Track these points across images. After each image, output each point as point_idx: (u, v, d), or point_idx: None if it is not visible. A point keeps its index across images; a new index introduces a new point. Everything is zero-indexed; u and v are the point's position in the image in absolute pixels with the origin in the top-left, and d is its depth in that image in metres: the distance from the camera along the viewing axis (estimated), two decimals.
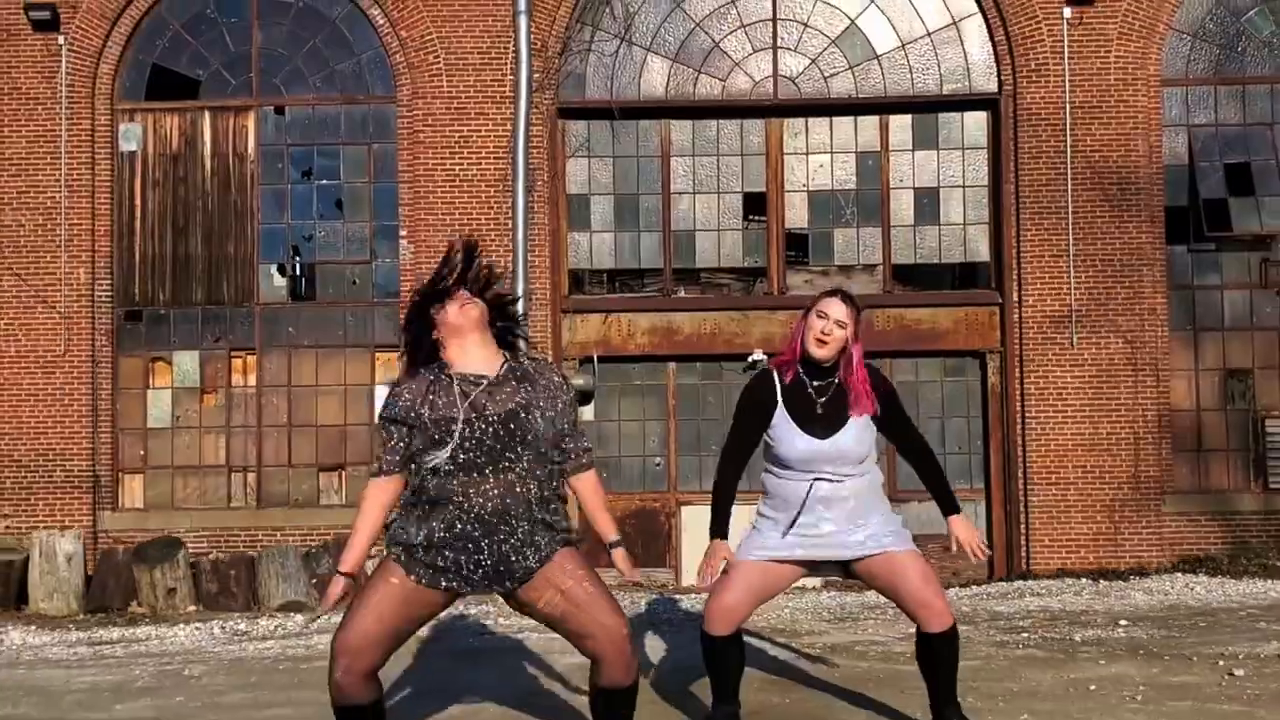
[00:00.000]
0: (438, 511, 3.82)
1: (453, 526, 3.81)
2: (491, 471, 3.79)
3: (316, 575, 11.37)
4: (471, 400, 3.81)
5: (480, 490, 3.78)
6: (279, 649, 7.12)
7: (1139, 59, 15.10)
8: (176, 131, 15.71)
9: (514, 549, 3.81)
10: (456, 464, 3.78)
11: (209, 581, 11.34)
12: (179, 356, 15.63)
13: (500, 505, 3.78)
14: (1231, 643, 6.24)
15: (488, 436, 3.79)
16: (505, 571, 3.85)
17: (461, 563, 3.83)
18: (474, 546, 3.81)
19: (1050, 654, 6.13)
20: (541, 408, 3.88)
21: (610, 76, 15.57)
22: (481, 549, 3.81)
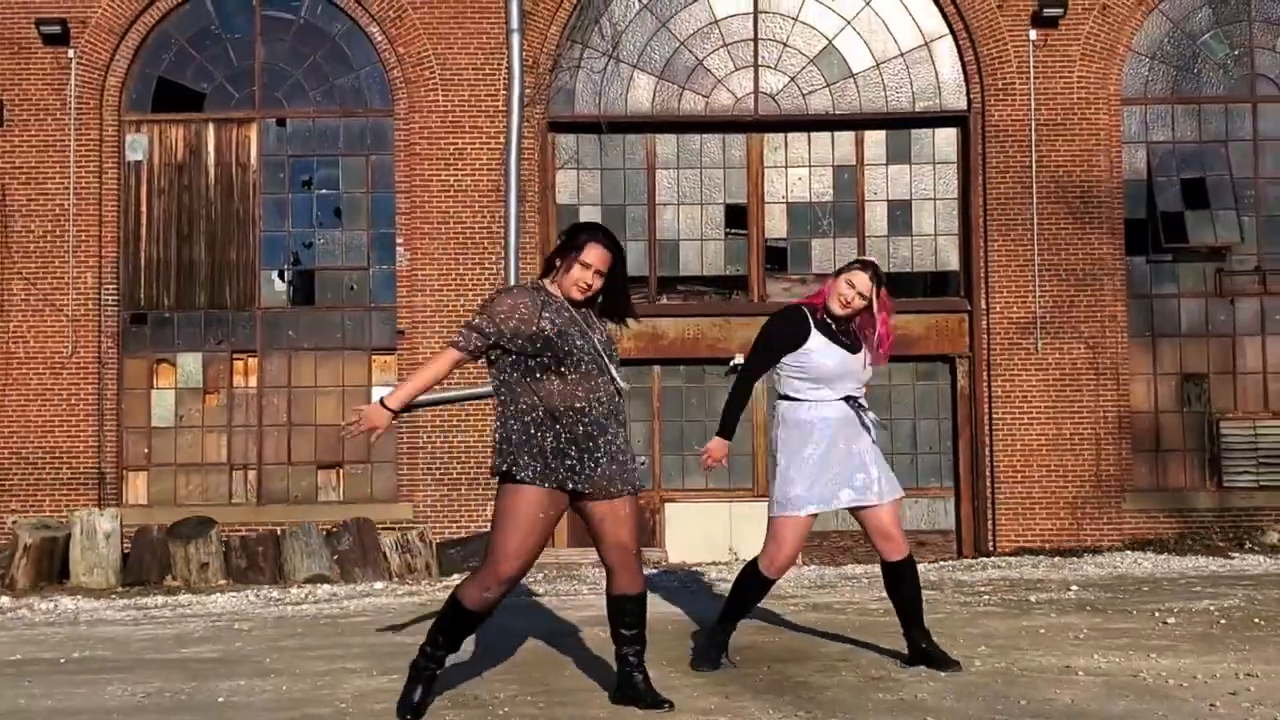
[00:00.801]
0: (559, 419, 4.44)
1: (574, 429, 4.43)
2: (602, 382, 4.49)
3: (338, 552, 12.03)
4: (585, 321, 4.54)
5: (595, 398, 4.46)
6: (315, 610, 7.79)
7: (1100, 79, 15.89)
8: (181, 142, 16.31)
9: (620, 450, 4.51)
10: (579, 372, 4.45)
11: (238, 557, 12.02)
12: (182, 358, 16.21)
13: (610, 409, 4.49)
14: (1168, 601, 6.99)
15: (597, 352, 4.49)
16: (616, 471, 4.50)
17: (585, 462, 4.44)
18: (593, 446, 4.45)
19: (1007, 610, 6.86)
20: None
21: (599, 92, 16.27)
22: (600, 448, 4.46)
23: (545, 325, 4.46)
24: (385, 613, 7.33)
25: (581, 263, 4.50)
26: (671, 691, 4.49)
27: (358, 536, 12.17)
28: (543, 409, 4.46)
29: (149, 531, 12.76)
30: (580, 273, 4.49)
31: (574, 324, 4.47)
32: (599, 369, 4.49)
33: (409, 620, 6.68)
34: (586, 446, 4.42)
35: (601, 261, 4.52)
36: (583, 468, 4.43)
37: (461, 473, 15.75)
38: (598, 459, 4.44)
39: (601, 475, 4.45)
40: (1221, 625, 6.02)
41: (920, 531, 15.96)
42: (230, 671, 5.36)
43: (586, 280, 4.49)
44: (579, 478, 4.41)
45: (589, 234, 4.60)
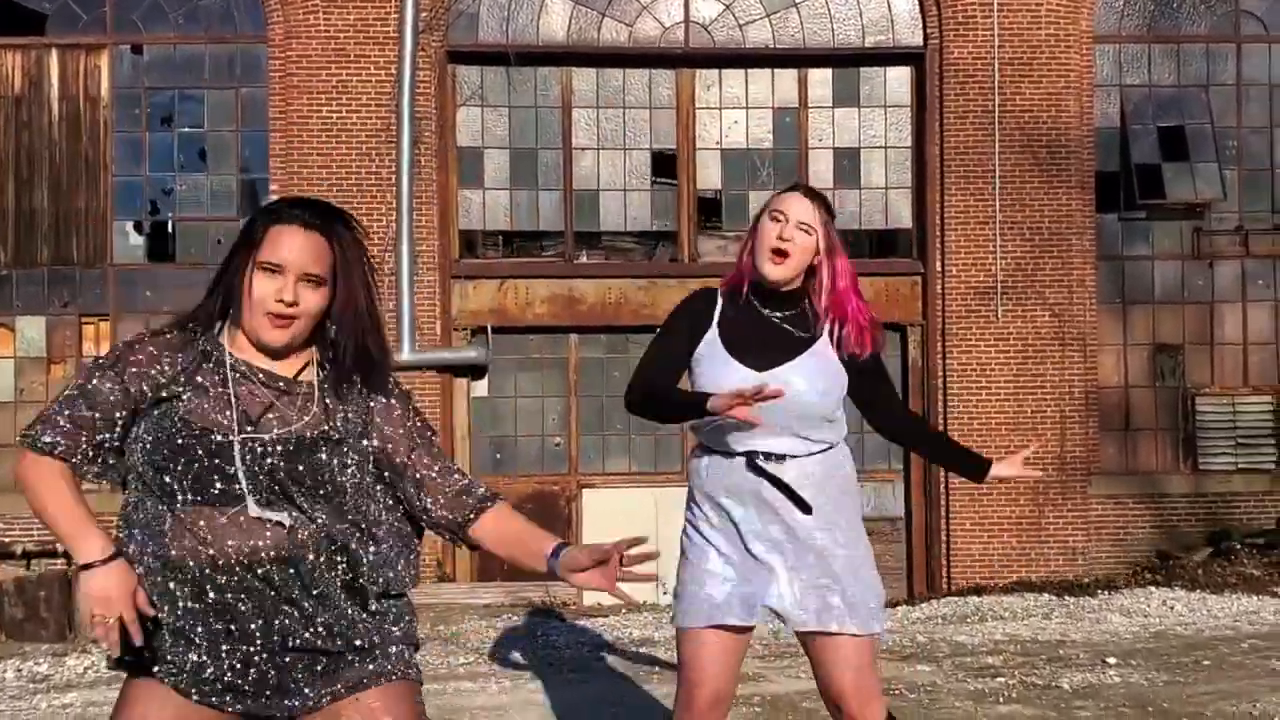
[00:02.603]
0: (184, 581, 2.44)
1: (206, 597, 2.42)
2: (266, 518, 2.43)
3: None
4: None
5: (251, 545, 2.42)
6: (81, 703, 5.81)
7: (1070, 14, 14.34)
8: (19, 71, 14.32)
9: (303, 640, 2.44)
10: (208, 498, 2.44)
11: (12, 605, 9.72)
12: (22, 322, 14.33)
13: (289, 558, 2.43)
14: (1254, 694, 5.29)
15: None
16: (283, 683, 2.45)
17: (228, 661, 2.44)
18: (249, 631, 2.43)
19: (1040, 712, 5.11)
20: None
21: (506, 18, 14.34)
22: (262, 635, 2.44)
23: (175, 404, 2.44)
24: None
25: (264, 266, 2.46)
26: None
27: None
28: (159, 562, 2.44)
29: None
30: (266, 283, 2.45)
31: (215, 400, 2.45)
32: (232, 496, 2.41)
33: None
34: (228, 628, 2.42)
35: (302, 249, 2.46)
36: (244, 669, 2.43)
37: None
38: (248, 653, 2.43)
39: (255, 681, 2.43)
40: None
41: (868, 519, 14.23)
42: None
43: (284, 296, 2.44)
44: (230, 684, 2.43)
45: (267, 217, 2.52)
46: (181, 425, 2.42)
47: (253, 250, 2.47)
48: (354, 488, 2.48)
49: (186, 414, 2.43)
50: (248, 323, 2.47)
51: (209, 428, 2.42)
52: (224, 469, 2.41)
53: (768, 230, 3.30)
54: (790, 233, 3.26)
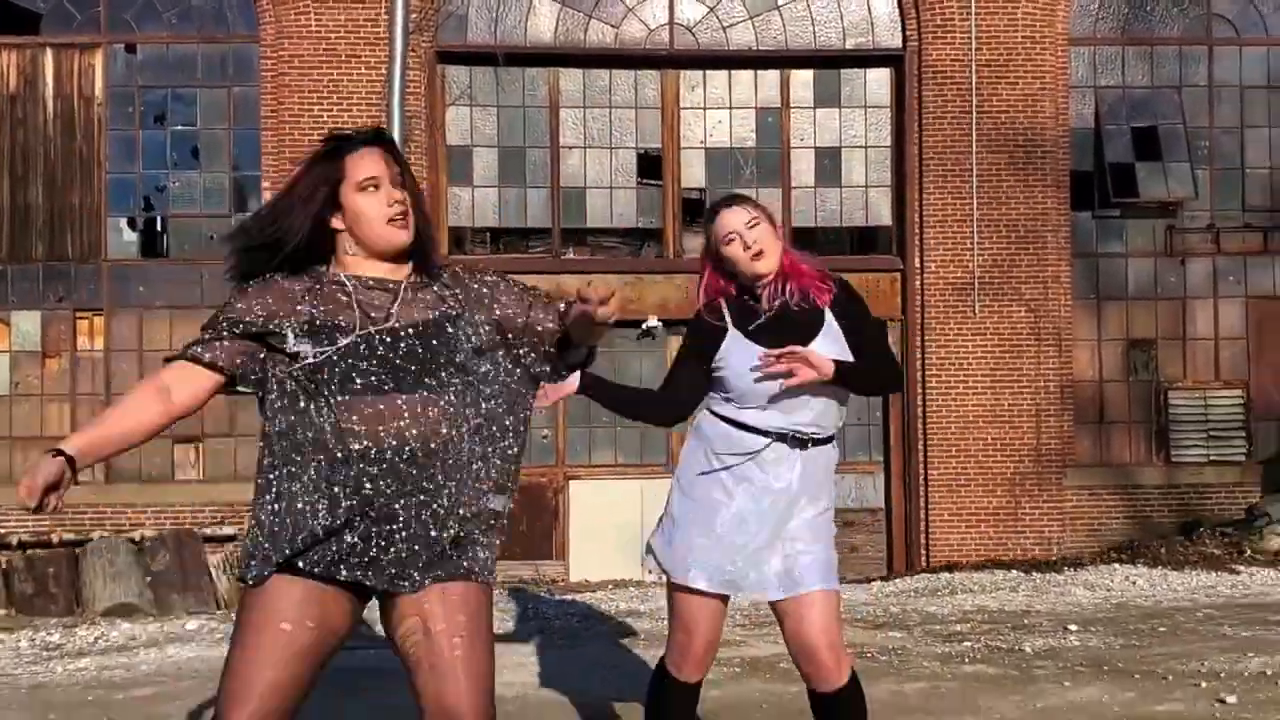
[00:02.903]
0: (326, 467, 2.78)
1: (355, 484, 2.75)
2: (404, 403, 2.78)
3: (152, 573, 10.15)
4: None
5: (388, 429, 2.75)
6: (94, 669, 6.06)
7: (1046, 16, 14.61)
8: (14, 70, 14.46)
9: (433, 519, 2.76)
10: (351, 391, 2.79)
11: (23, 581, 9.98)
12: (18, 317, 14.42)
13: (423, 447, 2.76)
14: (1204, 655, 5.59)
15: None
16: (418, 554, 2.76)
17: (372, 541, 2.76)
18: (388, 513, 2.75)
19: (1002, 670, 5.40)
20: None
21: (495, 19, 14.56)
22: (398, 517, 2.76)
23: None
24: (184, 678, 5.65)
25: (363, 186, 2.78)
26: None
27: (177, 553, 10.24)
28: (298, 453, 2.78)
29: None
30: (372, 199, 2.79)
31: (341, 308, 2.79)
32: (381, 386, 2.74)
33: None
34: (377, 515, 2.72)
35: (381, 165, 2.81)
36: (369, 547, 2.73)
37: None
38: (394, 534, 2.73)
39: (405, 557, 2.73)
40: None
41: (849, 510, 14.66)
42: None
43: (390, 200, 2.79)
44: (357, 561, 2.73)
45: (338, 152, 2.83)
46: (323, 332, 2.75)
47: (338, 184, 2.79)
48: (473, 351, 2.82)
49: (324, 322, 2.76)
50: (372, 238, 2.79)
51: (346, 326, 2.75)
52: (366, 362, 2.73)
53: (735, 251, 3.57)
54: (751, 238, 3.54)
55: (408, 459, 2.71)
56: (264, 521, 2.77)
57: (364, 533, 2.72)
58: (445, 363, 2.77)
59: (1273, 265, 15.14)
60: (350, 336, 2.73)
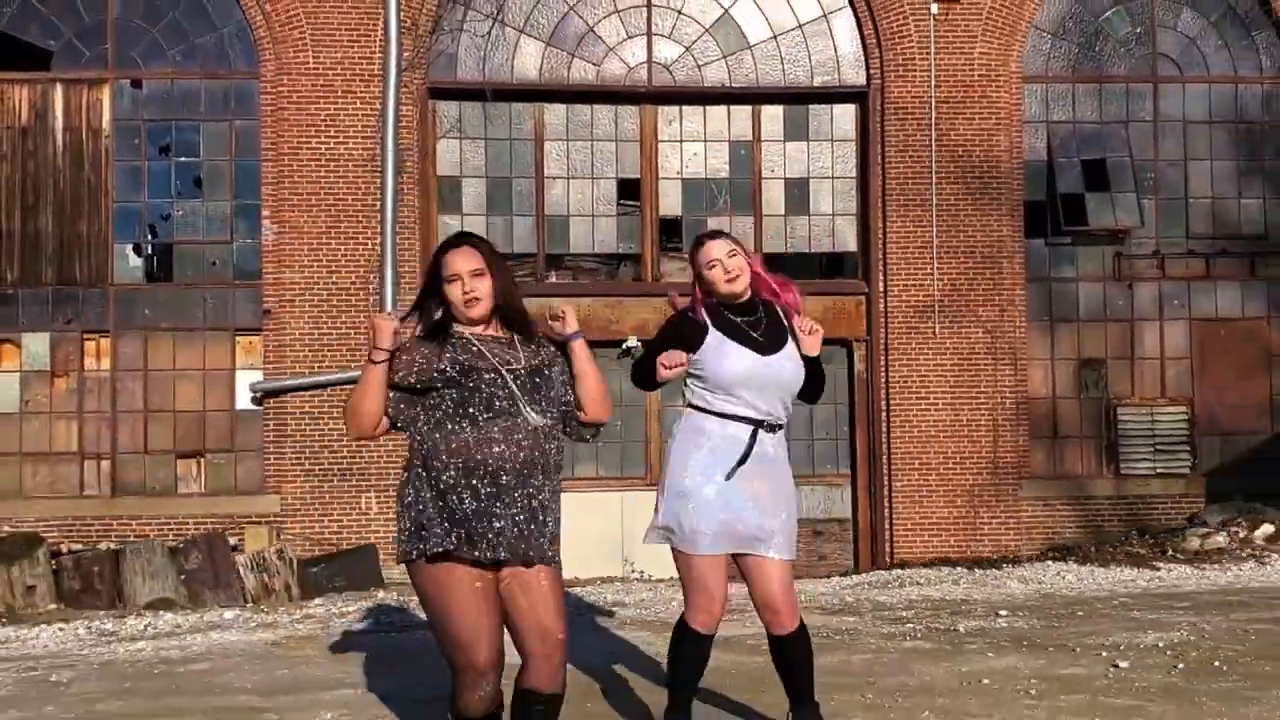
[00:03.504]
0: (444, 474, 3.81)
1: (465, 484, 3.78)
2: (504, 425, 3.79)
3: (185, 572, 10.96)
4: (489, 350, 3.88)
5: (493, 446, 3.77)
6: (151, 650, 6.85)
7: (1002, 55, 15.48)
8: (26, 104, 15.08)
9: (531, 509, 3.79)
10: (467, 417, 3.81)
11: (71, 579, 10.84)
12: (28, 338, 15.05)
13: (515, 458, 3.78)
14: (1111, 632, 6.44)
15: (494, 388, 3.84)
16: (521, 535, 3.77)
17: (487, 524, 3.76)
18: (493, 504, 3.76)
19: (937, 645, 6.24)
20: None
21: (483, 57, 15.37)
22: (501, 507, 3.77)
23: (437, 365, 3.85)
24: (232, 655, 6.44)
25: (447, 280, 3.84)
26: None
27: (208, 554, 11.09)
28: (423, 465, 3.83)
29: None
30: (452, 289, 3.84)
31: (478, 356, 3.81)
32: (510, 408, 3.76)
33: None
34: (506, 501, 3.72)
35: (464, 261, 3.85)
36: (504, 529, 3.70)
37: (333, 463, 14.79)
38: (514, 517, 3.72)
39: (518, 536, 3.72)
40: (1181, 671, 5.47)
41: (817, 520, 15.49)
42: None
43: (464, 289, 3.82)
44: (499, 540, 3.71)
45: (437, 253, 3.95)
46: (466, 372, 3.76)
47: (439, 278, 3.85)
48: (559, 398, 3.87)
49: (466, 366, 3.77)
50: (459, 314, 3.84)
51: (481, 369, 3.77)
52: (501, 392, 3.76)
53: (715, 276, 4.36)
54: (729, 265, 4.35)
55: (522, 464, 3.73)
56: (423, 512, 3.76)
57: (488, 519, 3.71)
58: (543, 395, 3.80)
59: (1215, 289, 16.04)
60: (489, 374, 3.75)
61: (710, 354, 4.31)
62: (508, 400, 3.71)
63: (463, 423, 3.73)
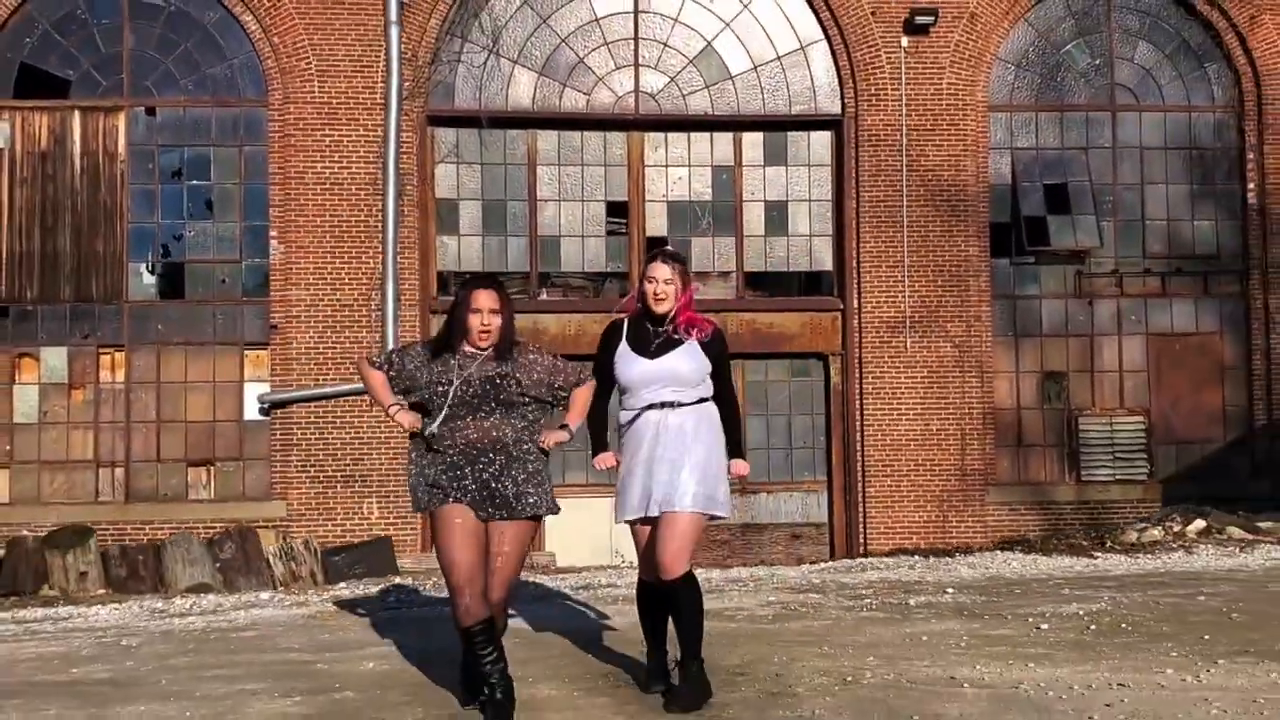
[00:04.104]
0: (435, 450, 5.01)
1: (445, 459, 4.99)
2: (471, 421, 5.01)
3: (220, 560, 11.82)
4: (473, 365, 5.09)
5: (461, 435, 4.98)
6: (203, 623, 7.68)
7: (969, 86, 16.39)
8: (46, 130, 15.85)
9: (494, 477, 4.96)
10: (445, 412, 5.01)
11: (118, 567, 11.77)
12: (46, 352, 15.80)
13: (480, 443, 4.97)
14: (1040, 605, 7.31)
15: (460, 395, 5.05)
16: (486, 497, 4.96)
17: (461, 485, 4.97)
18: (461, 475, 4.98)
19: (889, 615, 7.11)
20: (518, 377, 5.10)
21: (479, 86, 16.23)
22: (468, 476, 4.98)
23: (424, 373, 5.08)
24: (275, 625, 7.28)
25: (471, 310, 5.04)
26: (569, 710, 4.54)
27: (240, 545, 12.00)
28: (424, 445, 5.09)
29: (24, 541, 12.43)
30: (473, 319, 5.04)
31: (447, 369, 5.01)
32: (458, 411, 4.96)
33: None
34: (457, 475, 4.97)
35: (487, 300, 5.05)
36: (463, 491, 4.97)
37: (337, 470, 15.60)
38: (466, 486, 4.96)
39: (475, 498, 4.96)
40: (1092, 631, 6.33)
41: (796, 524, 16.33)
42: (127, 696, 5.29)
43: (481, 323, 5.02)
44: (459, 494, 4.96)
45: (465, 289, 5.15)
46: (432, 383, 5.04)
47: (464, 308, 5.07)
48: (518, 399, 5.08)
49: (436, 377, 5.05)
50: (470, 340, 5.09)
51: (446, 381, 5.05)
52: (454, 399, 5.05)
53: (647, 289, 5.27)
54: (661, 289, 5.25)
55: (489, 448, 4.97)
56: (417, 483, 5.06)
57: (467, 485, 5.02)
58: (494, 398, 5.01)
59: (1170, 306, 16.94)
60: (443, 386, 5.02)
61: (620, 362, 5.24)
62: (457, 406, 4.94)
63: (429, 419, 5.00)
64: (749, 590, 8.42)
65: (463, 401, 4.96)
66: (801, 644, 6.14)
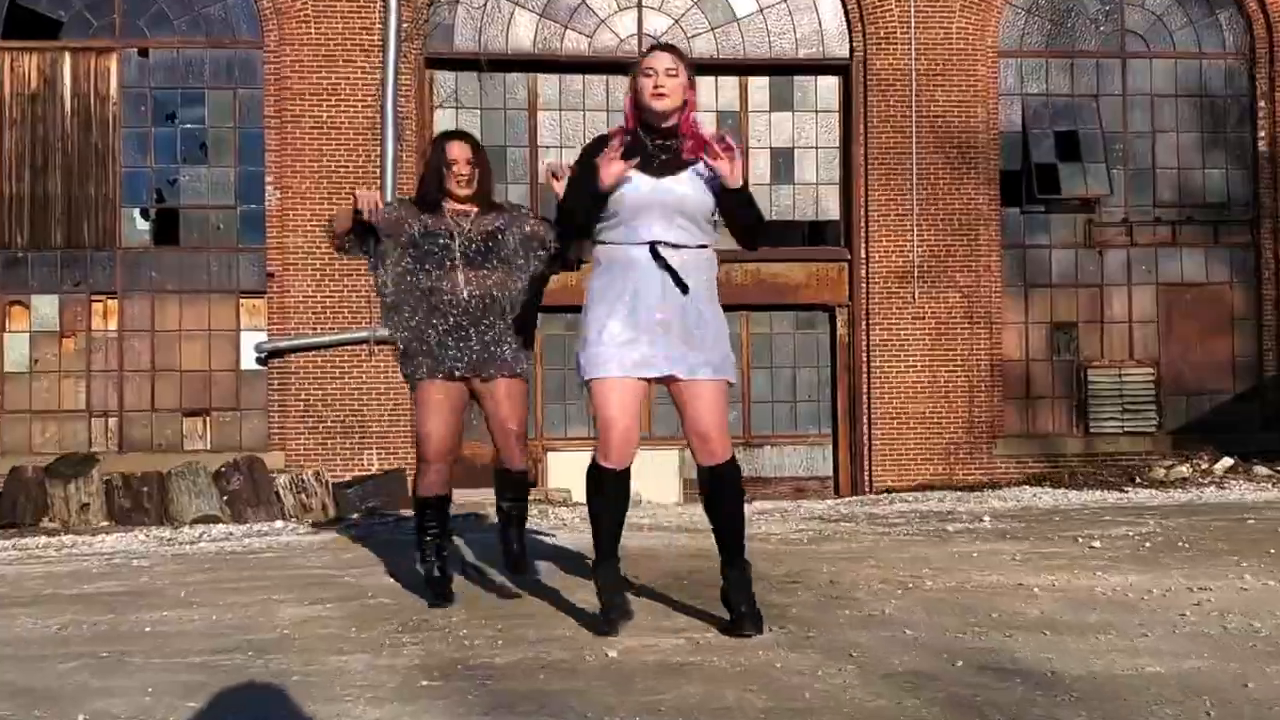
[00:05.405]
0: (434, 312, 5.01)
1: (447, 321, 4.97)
2: (466, 278, 4.96)
3: (228, 492, 11.52)
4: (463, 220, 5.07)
5: (461, 293, 4.95)
6: (214, 549, 7.38)
7: (979, 30, 16.10)
8: (36, 71, 15.46)
9: (495, 339, 4.97)
10: (442, 269, 5.03)
11: (121, 498, 11.43)
12: (37, 300, 15.45)
13: (479, 302, 4.94)
14: (1085, 529, 7.08)
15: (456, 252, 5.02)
16: (488, 357, 4.96)
17: (461, 349, 4.96)
18: (466, 335, 4.96)
19: (929, 539, 6.86)
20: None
21: (479, 29, 15.88)
22: (472, 337, 4.97)
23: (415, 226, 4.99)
24: (294, 550, 6.99)
25: (447, 163, 4.98)
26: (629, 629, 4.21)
27: (249, 475, 11.69)
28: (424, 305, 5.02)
29: (23, 471, 12.09)
30: (450, 169, 4.98)
31: (443, 221, 4.94)
32: (454, 267, 4.91)
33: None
34: (460, 335, 4.93)
35: (460, 151, 5.02)
36: (461, 355, 4.94)
37: (335, 420, 15.31)
38: (470, 346, 4.92)
39: (475, 360, 4.94)
40: (1148, 549, 6.10)
41: (800, 478, 16.11)
42: (148, 604, 5.00)
43: (458, 172, 4.95)
44: (457, 364, 4.94)
45: (440, 141, 5.19)
46: (426, 235, 5.00)
47: (441, 158, 5.04)
48: (514, 250, 5.09)
49: (428, 230, 5.01)
50: (450, 188, 5.01)
51: (439, 233, 4.99)
52: (449, 255, 4.71)
53: (644, 85, 4.19)
54: (662, 80, 4.17)
55: (474, 307, 4.93)
56: (405, 349, 5.06)
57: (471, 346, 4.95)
58: (494, 254, 4.98)
59: (1180, 255, 16.74)
60: (443, 239, 4.95)
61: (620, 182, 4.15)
62: (453, 261, 4.88)
63: (419, 276, 4.93)
64: (776, 520, 8.17)
65: (465, 256, 4.88)
66: (847, 560, 5.89)
